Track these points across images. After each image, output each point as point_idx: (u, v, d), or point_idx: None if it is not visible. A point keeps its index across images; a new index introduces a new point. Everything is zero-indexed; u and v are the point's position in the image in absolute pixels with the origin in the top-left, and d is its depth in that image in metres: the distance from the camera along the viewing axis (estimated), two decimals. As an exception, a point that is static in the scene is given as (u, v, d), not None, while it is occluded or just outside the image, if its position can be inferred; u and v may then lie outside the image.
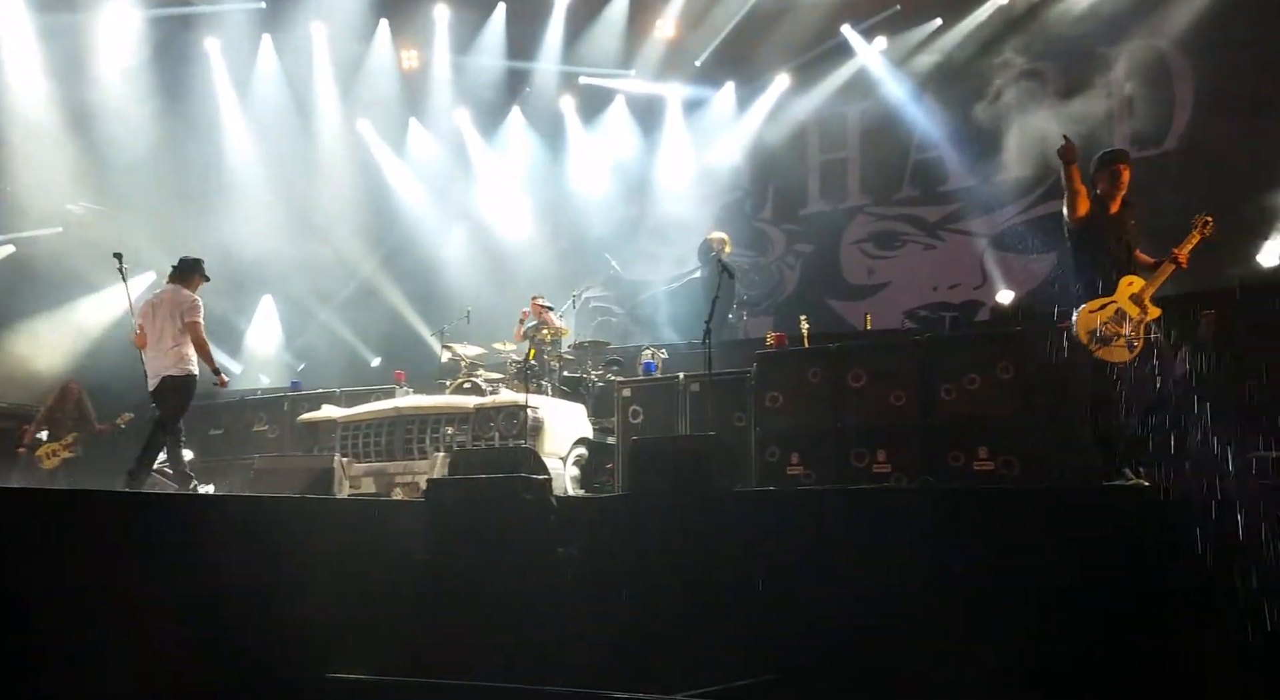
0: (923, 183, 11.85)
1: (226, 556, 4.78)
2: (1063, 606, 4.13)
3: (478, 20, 13.12)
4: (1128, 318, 5.45)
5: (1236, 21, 9.35)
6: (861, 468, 6.97)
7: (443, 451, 7.52)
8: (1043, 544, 4.36)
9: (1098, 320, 5.49)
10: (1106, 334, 5.46)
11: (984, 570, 4.37)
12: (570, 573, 5.06)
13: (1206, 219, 5.60)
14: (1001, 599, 4.27)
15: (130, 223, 11.37)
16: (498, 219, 13.51)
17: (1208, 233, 5.56)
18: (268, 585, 4.80)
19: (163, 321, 7.50)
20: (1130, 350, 5.40)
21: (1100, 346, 5.46)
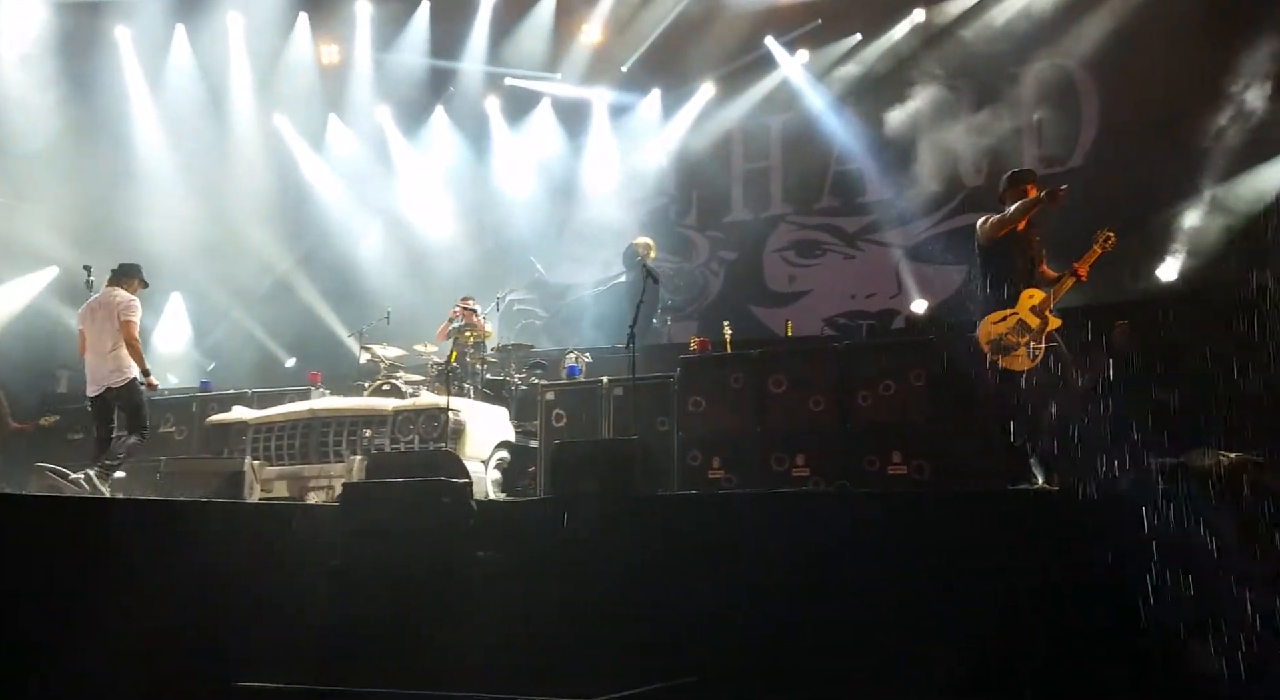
0: (842, 194, 12.11)
1: (130, 562, 4.60)
2: (970, 606, 4.26)
3: (401, 17, 12.93)
4: (1029, 328, 5.70)
5: (1139, 42, 9.80)
6: (781, 472, 7.07)
7: (360, 455, 7.37)
8: (952, 546, 4.49)
9: (999, 331, 5.74)
10: (1007, 343, 5.70)
11: (896, 572, 4.48)
12: (490, 577, 5.01)
13: (1108, 234, 5.86)
14: (912, 600, 4.38)
15: (31, 215, 10.87)
16: (419, 218, 13.30)
17: (1109, 247, 5.83)
18: (173, 591, 4.63)
19: (101, 325, 7.43)
20: (1031, 359, 5.65)
21: (1002, 355, 5.71)
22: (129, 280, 7.69)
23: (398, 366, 9.02)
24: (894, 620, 4.36)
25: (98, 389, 7.39)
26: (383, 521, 5.20)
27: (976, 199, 11.06)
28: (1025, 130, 10.92)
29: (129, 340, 7.40)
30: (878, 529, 4.73)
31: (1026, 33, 10.68)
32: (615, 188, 13.07)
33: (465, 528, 5.17)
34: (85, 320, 7.53)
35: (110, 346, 7.35)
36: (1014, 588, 4.23)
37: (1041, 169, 10.64)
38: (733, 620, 4.60)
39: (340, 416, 7.74)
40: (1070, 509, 4.25)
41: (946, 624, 4.27)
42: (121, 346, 7.36)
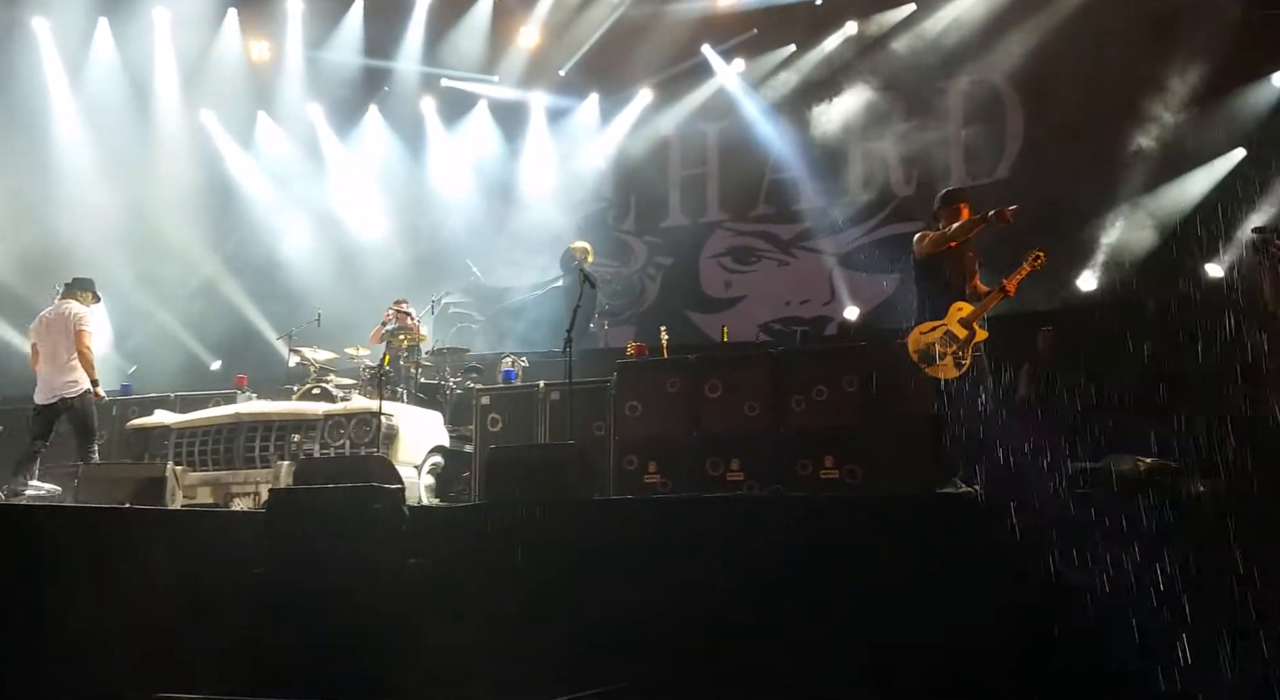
0: (777, 202, 12.25)
1: (46, 570, 4.43)
2: (901, 608, 4.33)
3: (333, 14, 12.71)
4: (956, 338, 5.92)
5: (1062, 58, 10.12)
6: (716, 476, 7.12)
7: (287, 460, 7.21)
8: (882, 548, 4.56)
9: (927, 340, 5.97)
10: (934, 353, 5.92)
11: (828, 575, 4.54)
12: (421, 584, 4.94)
13: (1038, 254, 6.08)
14: (843, 602, 4.44)
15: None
16: (352, 219, 13.06)
17: (1038, 266, 6.06)
18: (92, 600, 4.48)
19: (56, 336, 7.61)
20: (958, 368, 5.87)
21: (929, 364, 5.94)
22: (83, 293, 7.86)
23: (328, 370, 8.86)
24: (826, 623, 4.41)
25: (50, 398, 7.53)
26: (310, 529, 5.08)
27: (906, 209, 11.33)
28: (953, 142, 11.20)
29: (81, 351, 7.58)
30: (810, 533, 4.79)
31: (954, 47, 10.96)
32: (553, 191, 13.03)
33: (397, 534, 5.08)
34: (39, 332, 7.68)
35: (66, 358, 7.55)
36: (943, 589, 4.31)
37: (968, 181, 10.98)
38: (666, 625, 4.60)
39: (267, 421, 7.56)
40: (991, 513, 4.35)
41: (877, 626, 4.34)
42: (69, 356, 7.55)
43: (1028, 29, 10.45)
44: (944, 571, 4.36)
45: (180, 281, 12.65)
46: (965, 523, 4.62)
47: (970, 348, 5.91)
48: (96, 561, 4.95)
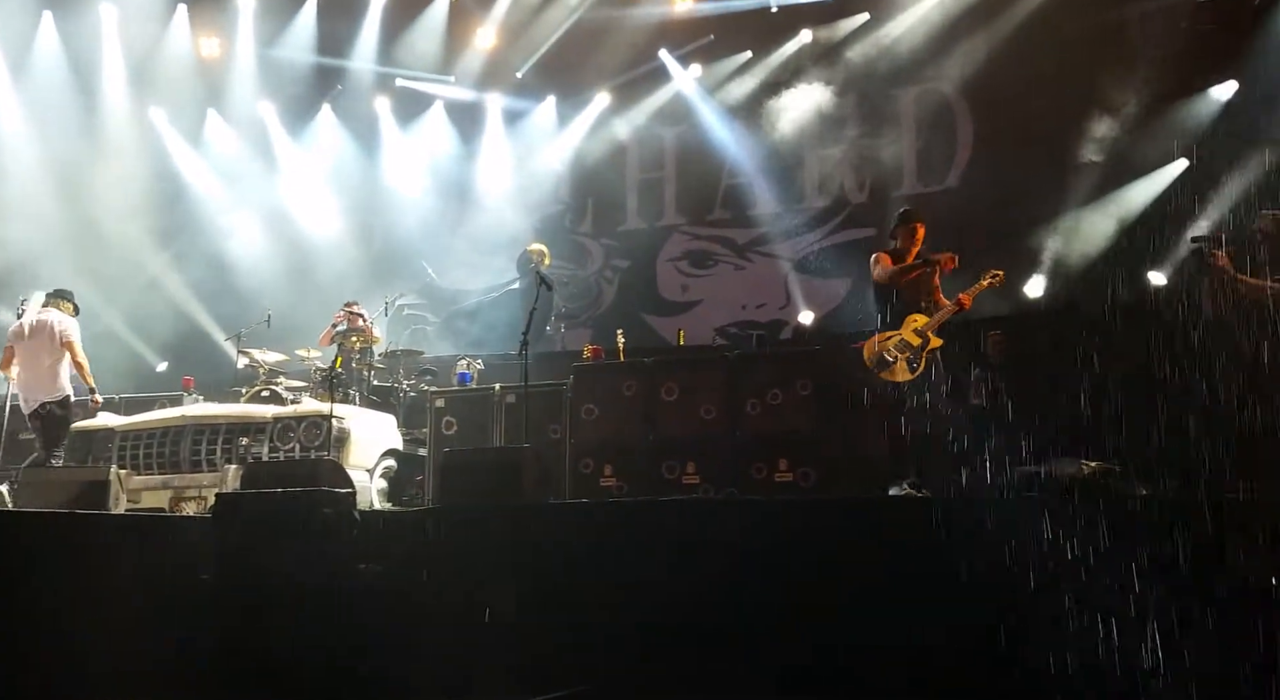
0: (733, 206, 12.33)
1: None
2: (852, 608, 4.38)
3: (286, 12, 12.53)
4: (910, 346, 6.23)
5: (1010, 68, 10.33)
6: (672, 479, 7.13)
7: (235, 464, 7.09)
8: (835, 550, 4.61)
9: (882, 348, 6.29)
10: (888, 358, 6.23)
11: (783, 576, 4.58)
12: (371, 589, 4.88)
13: (998, 273, 6.44)
14: (797, 604, 4.48)
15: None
16: (303, 218, 12.89)
17: (996, 284, 6.41)
18: (30, 609, 4.36)
19: (39, 343, 7.72)
20: (911, 371, 6.16)
21: (883, 369, 6.25)
22: (65, 303, 8.03)
23: (278, 372, 8.73)
24: (782, 625, 4.44)
25: (34, 405, 7.63)
26: (259, 534, 5.00)
27: (860, 215, 11.48)
28: (905, 150, 11.36)
29: (78, 360, 7.81)
30: (765, 535, 4.82)
31: (906, 56, 11.12)
32: (510, 193, 12.97)
33: (347, 539, 5.02)
34: (17, 338, 7.78)
35: (47, 363, 7.67)
36: (894, 590, 4.37)
37: (920, 188, 11.16)
38: (624, 628, 4.60)
39: (215, 423, 7.42)
40: (940, 514, 4.41)
41: (831, 627, 4.39)
42: (58, 364, 7.71)
43: (977, 40, 10.64)
44: (896, 572, 4.41)
45: (125, 281, 12.37)
46: (916, 524, 4.68)
47: (924, 354, 6.18)
48: (37, 568, 4.81)
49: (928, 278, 6.48)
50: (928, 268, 6.36)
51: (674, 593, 4.61)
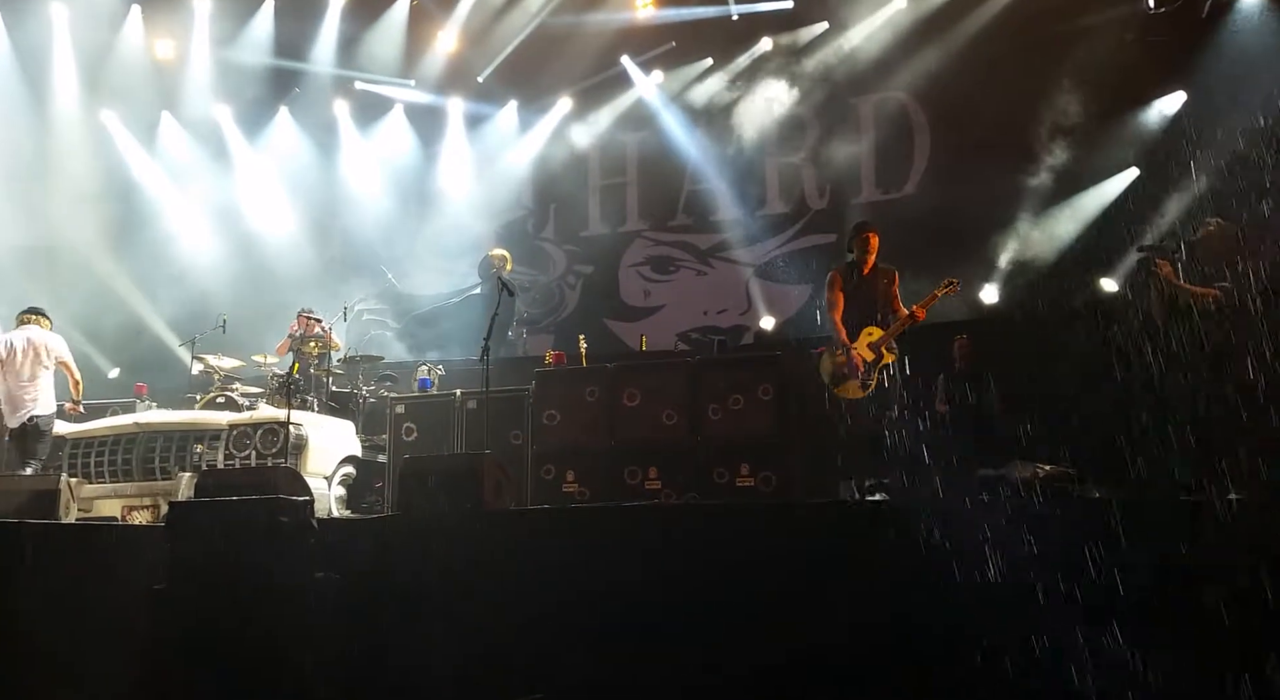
0: (695, 212, 12.38)
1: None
2: (811, 611, 4.41)
3: (242, 14, 12.35)
4: (863, 361, 6.46)
5: (966, 77, 10.50)
6: (634, 485, 7.12)
7: (190, 472, 6.97)
8: (794, 555, 4.63)
9: (836, 363, 6.56)
10: (842, 375, 6.49)
11: (743, 580, 4.59)
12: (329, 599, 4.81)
13: (953, 281, 6.59)
14: (759, 609, 4.49)
15: None
16: (260, 222, 12.71)
17: (951, 292, 6.57)
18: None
19: (28, 360, 7.73)
20: (863, 389, 6.43)
21: (837, 386, 6.50)
22: (44, 319, 8.15)
23: (234, 378, 8.61)
24: (742, 629, 4.45)
25: (20, 420, 7.59)
26: (214, 543, 4.90)
27: (820, 221, 11.59)
28: (864, 158, 11.49)
29: (77, 379, 8.00)
30: (726, 540, 4.83)
31: (864, 65, 11.25)
32: (471, 198, 12.91)
33: (304, 548, 4.94)
34: (4, 353, 7.74)
35: (29, 377, 7.69)
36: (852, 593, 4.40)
37: (878, 195, 11.29)
38: (583, 634, 4.59)
39: (169, 431, 7.30)
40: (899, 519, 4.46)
41: (792, 631, 4.40)
42: (40, 378, 7.74)
43: (934, 49, 10.80)
44: (856, 575, 4.45)
45: (76, 285, 12.10)
46: (875, 528, 4.72)
47: (877, 369, 6.41)
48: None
49: (882, 289, 6.62)
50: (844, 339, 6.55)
51: (637, 598, 4.60)
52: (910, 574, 4.23)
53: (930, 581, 4.16)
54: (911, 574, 4.22)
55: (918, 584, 4.21)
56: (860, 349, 6.49)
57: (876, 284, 6.64)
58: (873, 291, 6.60)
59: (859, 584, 4.37)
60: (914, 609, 4.23)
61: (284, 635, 4.60)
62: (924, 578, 4.18)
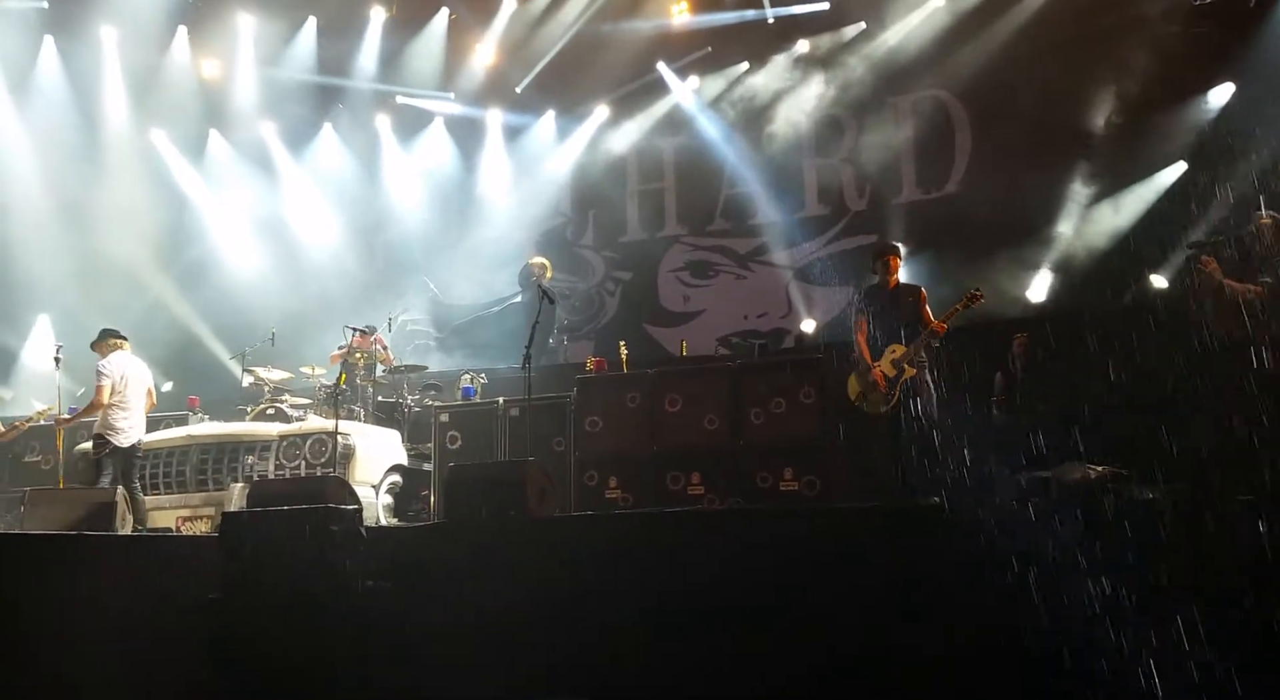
0: (733, 216, 12.35)
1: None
2: (858, 616, 4.38)
3: (286, 32, 12.60)
4: (886, 378, 6.73)
5: (1008, 73, 10.37)
6: (677, 490, 7.12)
7: (242, 482, 7.10)
8: (841, 559, 4.60)
9: (862, 382, 6.83)
10: (865, 392, 6.78)
11: (789, 585, 4.57)
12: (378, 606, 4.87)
13: (975, 293, 6.75)
14: (807, 615, 4.47)
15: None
16: (306, 237, 12.94)
17: (974, 304, 6.73)
18: (39, 629, 4.36)
19: (139, 385, 7.77)
20: (886, 404, 6.67)
21: (862, 401, 6.83)
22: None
23: (283, 389, 8.76)
24: (787, 634, 4.44)
25: (132, 441, 7.58)
26: (265, 552, 5.00)
27: (860, 223, 11.50)
28: (903, 158, 11.39)
29: (153, 401, 8.04)
30: (772, 545, 4.81)
31: (903, 64, 11.16)
32: (511, 208, 13.02)
33: (353, 556, 5.02)
34: (120, 378, 7.68)
35: (136, 404, 7.72)
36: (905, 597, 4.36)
37: (919, 194, 11.17)
38: (628, 640, 4.60)
39: (221, 442, 7.45)
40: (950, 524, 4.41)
41: (835, 635, 4.38)
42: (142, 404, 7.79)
43: (974, 46, 10.68)
44: (906, 580, 4.41)
45: (129, 302, 12.41)
46: (925, 532, 4.68)
47: (898, 384, 6.66)
48: (46, 589, 4.83)
49: (907, 307, 6.81)
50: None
51: (681, 603, 4.60)
52: (962, 578, 4.18)
53: (981, 585, 4.11)
54: (963, 578, 4.18)
55: (969, 587, 4.17)
56: (883, 366, 6.74)
57: (901, 303, 6.84)
58: (898, 311, 6.82)
59: (908, 589, 4.34)
60: (965, 612, 4.19)
61: (335, 643, 4.67)
62: (975, 581, 4.14)
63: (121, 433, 7.50)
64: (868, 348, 6.87)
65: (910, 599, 4.32)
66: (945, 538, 4.36)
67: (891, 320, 6.83)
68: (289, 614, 4.75)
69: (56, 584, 4.86)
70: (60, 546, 5.42)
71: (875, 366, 6.76)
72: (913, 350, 6.66)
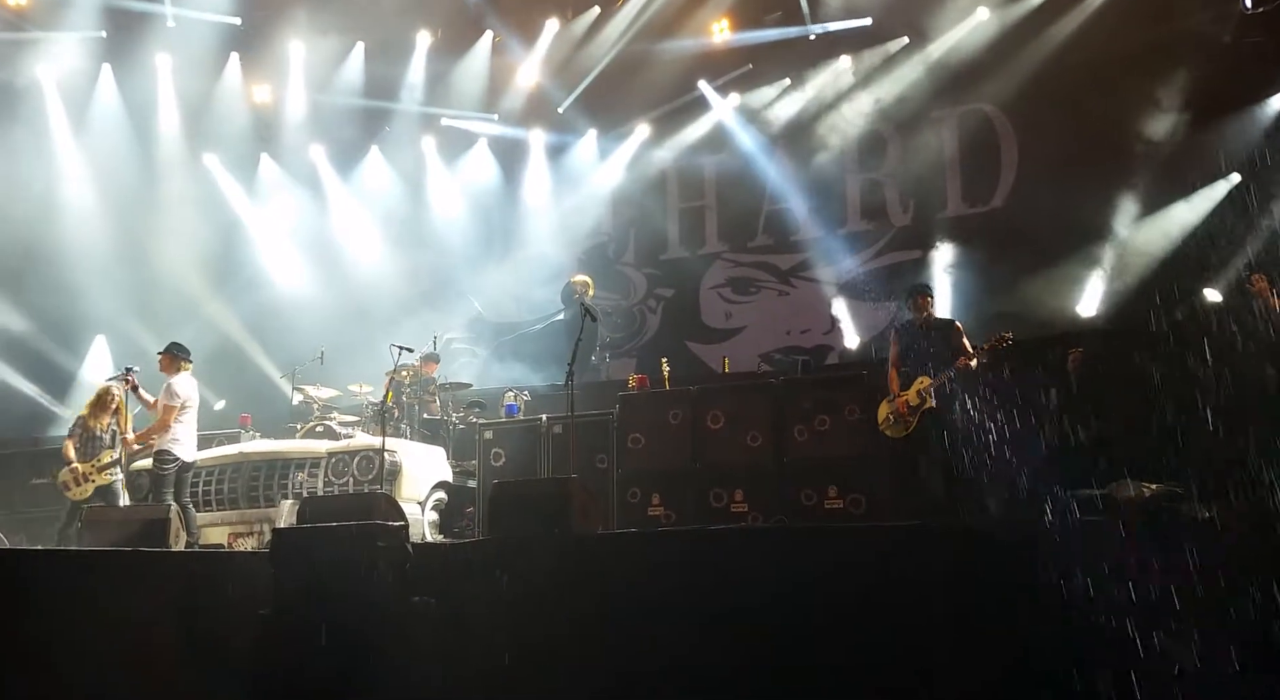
0: (775, 232, 12.33)
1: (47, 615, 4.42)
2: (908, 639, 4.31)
3: (335, 57, 12.89)
4: (909, 405, 6.82)
5: (1055, 88, 10.24)
6: (720, 508, 7.10)
7: (291, 499, 7.21)
8: (892, 578, 4.54)
9: (886, 410, 6.92)
10: (891, 420, 6.91)
11: (836, 606, 4.52)
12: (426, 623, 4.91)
13: (1005, 336, 6.87)
14: (851, 634, 4.42)
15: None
16: (354, 257, 13.17)
17: (1001, 346, 6.85)
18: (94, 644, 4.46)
19: (195, 405, 7.86)
20: (905, 430, 6.82)
21: (888, 427, 6.92)
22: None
23: (332, 407, 8.88)
24: (834, 655, 4.39)
25: (194, 458, 7.67)
26: (315, 568, 5.07)
27: (904, 238, 11.41)
28: (948, 172, 11.29)
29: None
30: (818, 563, 4.76)
31: (947, 78, 11.09)
32: (553, 226, 13.13)
33: (401, 572, 5.07)
34: (189, 395, 7.83)
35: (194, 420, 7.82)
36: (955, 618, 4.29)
37: (965, 209, 11.06)
38: (673, 660, 4.58)
39: (271, 459, 7.57)
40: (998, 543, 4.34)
41: (885, 657, 4.32)
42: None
43: (1020, 59, 10.58)
44: (955, 601, 4.34)
45: (183, 321, 12.70)
46: (976, 551, 4.60)
47: (917, 414, 6.76)
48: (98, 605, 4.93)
49: (943, 340, 6.91)
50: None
51: (726, 623, 4.57)
52: (1013, 597, 4.11)
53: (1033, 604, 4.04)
54: (1014, 597, 4.10)
55: (1020, 607, 4.09)
56: (909, 396, 6.79)
57: (932, 337, 6.93)
58: (928, 345, 6.91)
59: (959, 609, 4.26)
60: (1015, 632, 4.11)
61: (383, 659, 4.71)
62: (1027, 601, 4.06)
63: (186, 449, 7.62)
64: (898, 378, 6.96)
65: (963, 620, 4.25)
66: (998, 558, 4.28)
67: (922, 353, 6.94)
68: (338, 629, 4.80)
69: (113, 600, 4.96)
70: (114, 563, 5.54)
71: (901, 396, 6.83)
72: (937, 383, 6.75)
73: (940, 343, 6.90)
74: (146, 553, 6.02)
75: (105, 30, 12.09)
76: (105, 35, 12.12)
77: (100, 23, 12.02)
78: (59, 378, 12.29)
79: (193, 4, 12.00)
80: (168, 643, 4.96)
